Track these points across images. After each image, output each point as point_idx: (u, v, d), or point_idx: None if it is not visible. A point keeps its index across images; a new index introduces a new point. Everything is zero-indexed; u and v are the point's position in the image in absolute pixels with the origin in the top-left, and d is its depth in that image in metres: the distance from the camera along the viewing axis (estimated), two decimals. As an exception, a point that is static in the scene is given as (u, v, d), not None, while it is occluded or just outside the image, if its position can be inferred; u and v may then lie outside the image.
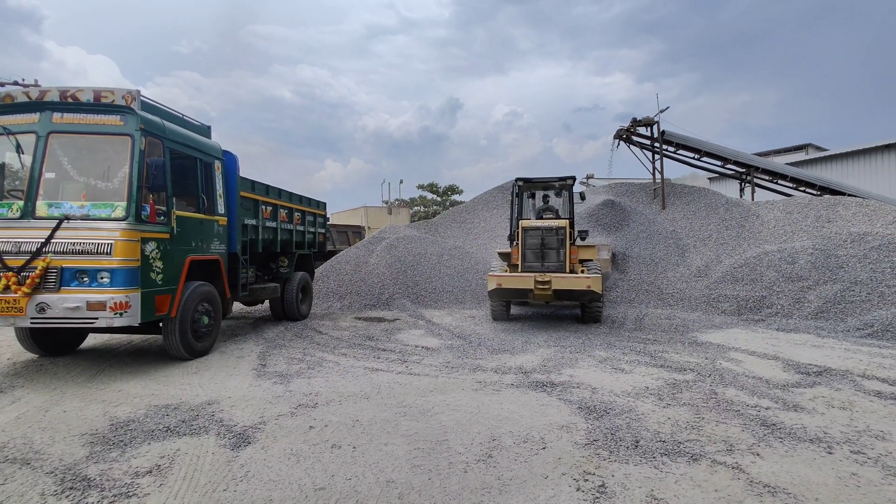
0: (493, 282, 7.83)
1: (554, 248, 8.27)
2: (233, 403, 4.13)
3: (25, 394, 4.41)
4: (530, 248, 8.32)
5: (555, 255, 8.28)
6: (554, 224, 8.38)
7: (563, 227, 8.36)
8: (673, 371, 5.26)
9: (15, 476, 2.82)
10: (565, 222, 8.43)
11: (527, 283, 7.72)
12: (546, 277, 7.66)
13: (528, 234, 8.35)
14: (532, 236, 8.34)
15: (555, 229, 8.33)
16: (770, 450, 3.18)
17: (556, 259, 8.26)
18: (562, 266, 8.18)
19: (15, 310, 4.54)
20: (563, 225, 8.37)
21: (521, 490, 2.65)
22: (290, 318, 8.92)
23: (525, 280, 7.75)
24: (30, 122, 4.95)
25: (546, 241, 8.29)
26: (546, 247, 8.27)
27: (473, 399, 4.26)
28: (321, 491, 2.64)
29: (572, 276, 7.70)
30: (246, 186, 7.25)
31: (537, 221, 8.56)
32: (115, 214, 4.80)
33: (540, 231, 8.33)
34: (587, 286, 7.56)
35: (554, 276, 7.70)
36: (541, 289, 7.67)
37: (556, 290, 7.66)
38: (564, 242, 8.28)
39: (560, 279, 7.68)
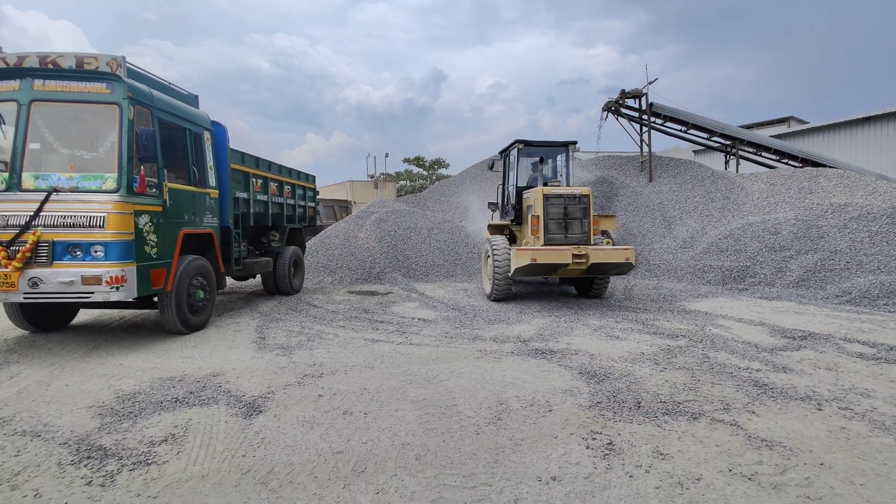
0: (524, 256, 6.96)
1: (577, 219, 7.62)
2: (238, 375, 4.15)
3: (23, 369, 4.35)
4: (553, 219, 7.55)
5: (578, 225, 7.62)
6: (577, 192, 7.69)
7: (586, 195, 7.74)
8: (665, 337, 5.43)
9: (28, 448, 2.81)
10: (588, 190, 7.83)
11: (563, 258, 6.96)
12: (583, 251, 7.01)
13: (551, 202, 7.57)
14: (555, 205, 7.57)
15: (578, 197, 7.66)
16: (764, 408, 3.34)
17: (579, 230, 7.61)
18: (586, 237, 7.61)
19: (7, 285, 4.43)
20: (587, 193, 7.77)
21: (533, 449, 2.75)
22: (282, 293, 8.88)
23: (562, 254, 6.98)
24: (10, 90, 4.73)
25: (569, 210, 7.58)
26: (569, 217, 7.58)
27: (476, 367, 4.35)
28: (339, 454, 2.70)
29: (610, 249, 7.17)
30: (236, 158, 7.09)
31: (560, 189, 7.77)
32: (105, 186, 4.67)
33: (563, 199, 7.60)
34: (626, 258, 7.09)
35: (590, 248, 7.09)
36: (577, 263, 7.00)
37: (594, 263, 7.05)
38: (588, 212, 7.67)
39: (598, 252, 7.06)
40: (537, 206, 7.65)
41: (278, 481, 2.44)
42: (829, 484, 2.38)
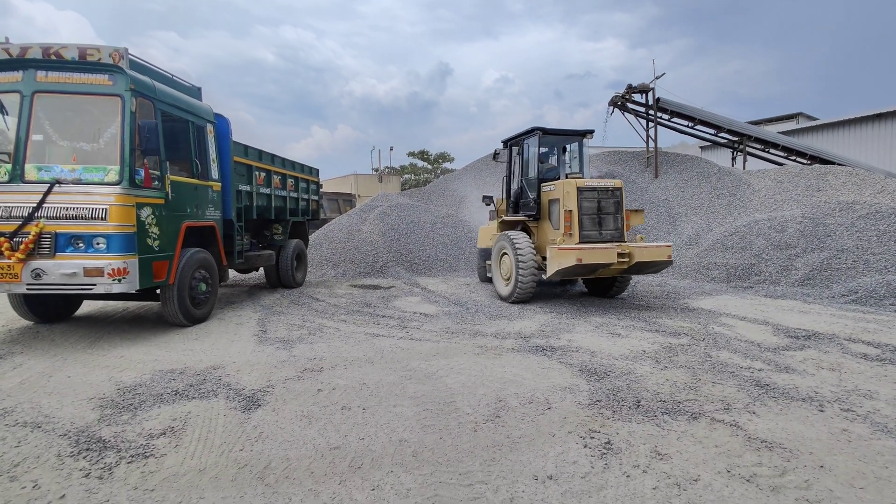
0: (568, 257, 6.37)
1: (611, 214, 7.14)
2: (238, 368, 4.16)
3: (26, 360, 4.38)
4: (587, 214, 7.02)
5: (612, 221, 7.15)
6: (610, 184, 7.24)
7: (619, 188, 7.30)
8: (668, 335, 5.39)
9: (28, 439, 2.83)
10: (621, 183, 7.40)
11: (609, 257, 6.41)
12: (626, 249, 6.56)
13: (585, 196, 7.03)
14: (588, 199, 7.04)
15: (611, 190, 7.21)
16: (765, 408, 3.31)
17: (613, 226, 7.14)
18: (620, 234, 7.17)
19: (10, 276, 4.45)
20: (620, 186, 7.34)
21: (530, 447, 2.75)
22: (285, 286, 8.90)
23: (607, 253, 6.43)
24: (13, 81, 4.73)
25: (602, 204, 7.09)
26: (603, 211, 7.08)
27: (476, 363, 4.34)
28: (336, 450, 2.70)
29: (653, 247, 6.72)
30: (239, 151, 7.08)
31: (593, 181, 7.26)
32: (108, 178, 4.67)
33: (596, 193, 7.09)
34: (668, 256, 6.70)
35: (633, 246, 6.62)
36: (621, 262, 6.50)
37: (639, 262, 6.57)
38: (621, 206, 7.24)
39: (642, 250, 6.59)
40: (569, 200, 7.04)
41: (275, 476, 2.44)
42: (829, 487, 2.35)
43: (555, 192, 7.44)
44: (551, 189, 7.56)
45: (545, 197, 7.71)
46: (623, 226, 7.24)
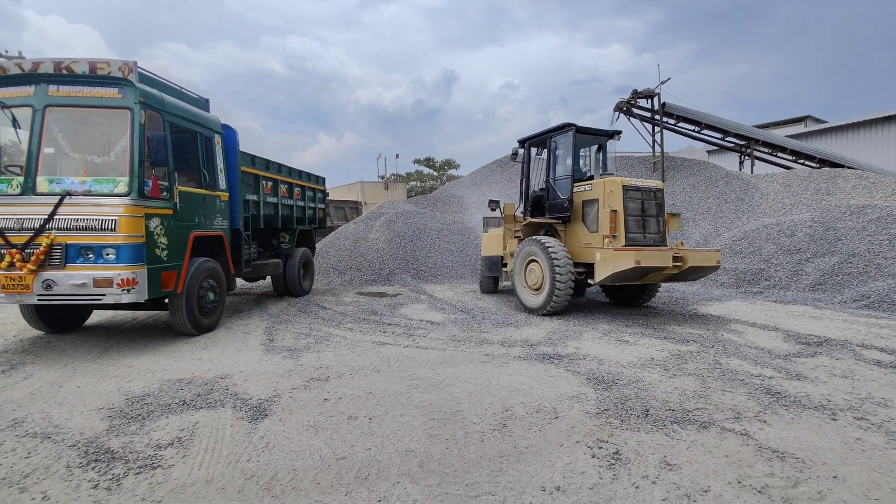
0: (625, 259, 5.97)
1: (654, 216, 6.83)
2: (245, 377, 4.17)
3: (37, 370, 4.43)
4: (632, 215, 6.62)
5: (654, 223, 6.82)
6: (653, 185, 6.92)
7: (661, 189, 7.01)
8: (676, 342, 5.34)
9: (38, 449, 2.85)
10: (662, 184, 7.14)
11: (665, 260, 6.08)
12: (680, 252, 6.23)
13: (630, 196, 6.63)
14: (633, 199, 6.65)
15: (654, 191, 6.88)
16: (776, 417, 3.27)
17: (656, 229, 6.82)
18: (662, 238, 6.86)
19: (21, 287, 4.51)
20: (662, 187, 7.06)
21: (537, 457, 2.72)
22: (292, 294, 8.94)
23: (663, 256, 6.09)
24: (25, 96, 4.82)
25: (646, 206, 6.74)
26: (646, 213, 6.74)
27: (483, 371, 4.32)
28: (343, 460, 2.70)
29: (704, 251, 6.46)
30: (246, 161, 7.16)
31: (637, 181, 6.92)
32: (117, 190, 4.73)
33: (640, 193, 6.74)
34: (717, 262, 6.50)
35: (686, 250, 6.29)
36: (676, 266, 6.19)
37: (692, 266, 6.28)
38: (663, 209, 6.96)
39: (695, 254, 6.28)
40: (613, 200, 6.61)
41: (281, 487, 2.44)
42: (843, 498, 2.31)
43: (591, 192, 6.99)
44: (587, 189, 7.11)
45: (577, 198, 7.27)
46: (665, 229, 6.93)
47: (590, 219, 7.04)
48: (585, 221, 7.13)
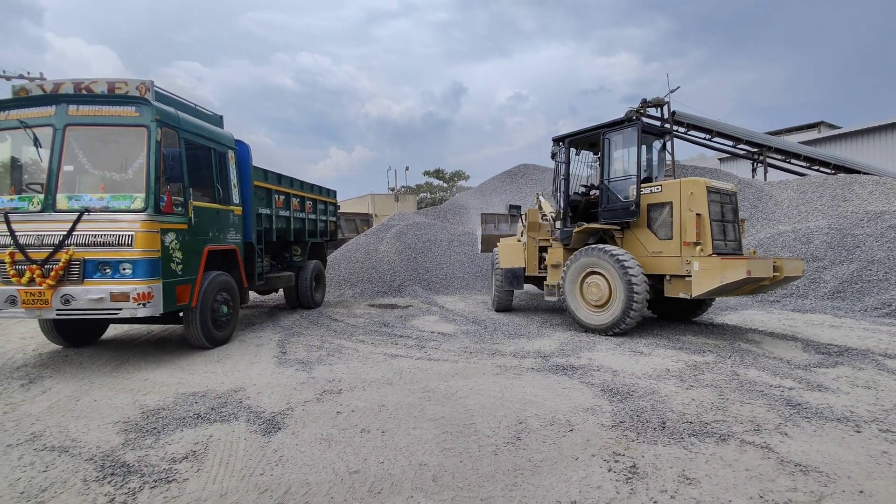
0: (737, 269, 5.29)
1: (731, 222, 6.28)
2: (258, 390, 4.19)
3: (55, 384, 4.49)
4: (715, 220, 6.00)
5: (732, 230, 6.27)
6: (728, 188, 6.40)
7: (735, 192, 6.51)
8: (692, 353, 5.26)
9: (56, 463, 2.88)
10: (736, 188, 6.56)
11: (767, 270, 5.51)
12: (777, 262, 5.61)
13: (713, 199, 6.01)
14: (715, 202, 6.05)
15: (730, 194, 6.36)
16: (798, 429, 3.19)
17: (734, 236, 6.26)
18: (739, 246, 6.32)
19: (41, 302, 4.60)
20: (736, 190, 6.54)
21: (552, 471, 2.68)
22: (304, 306, 8.98)
23: (766, 265, 5.50)
24: (46, 116, 4.95)
25: (724, 211, 6.16)
26: (724, 219, 6.14)
27: (496, 383, 4.29)
28: (356, 474, 2.68)
29: (793, 260, 5.87)
30: (259, 176, 7.26)
31: (717, 182, 6.28)
32: (134, 206, 4.82)
33: (719, 195, 6.15)
34: (802, 271, 5.98)
35: (781, 259, 5.69)
36: (774, 277, 5.59)
37: (787, 276, 5.75)
38: (738, 214, 6.45)
39: (791, 263, 5.73)
40: (697, 203, 5.92)
41: (294, 501, 2.43)
42: (870, 514, 2.24)
43: (662, 194, 6.28)
44: (655, 191, 6.38)
45: (647, 200, 6.50)
46: (741, 236, 6.41)
47: (658, 224, 6.31)
48: (652, 227, 6.38)
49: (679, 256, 6.02)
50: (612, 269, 6.14)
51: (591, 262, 6.45)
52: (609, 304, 6.24)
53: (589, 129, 7.14)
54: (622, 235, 6.76)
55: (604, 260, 6.25)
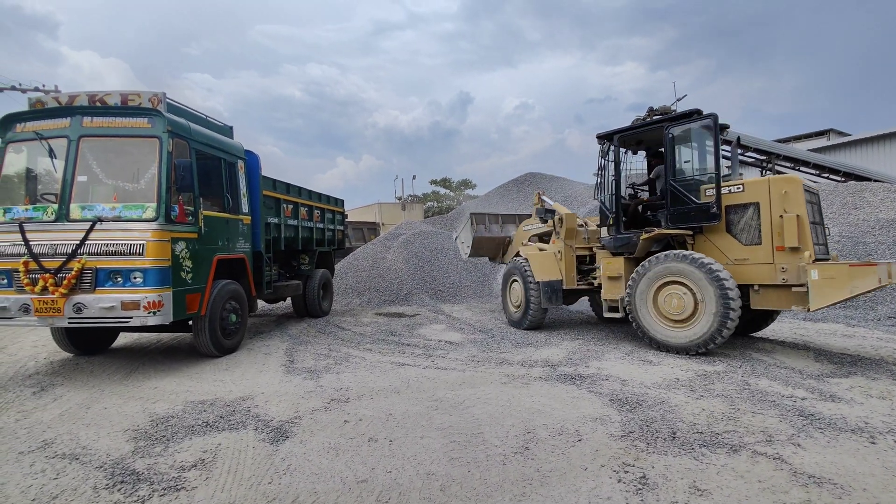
0: (870, 277, 4.71)
1: (820, 223, 5.78)
2: (266, 399, 4.20)
3: (66, 391, 4.53)
4: (814, 223, 5.52)
5: (821, 233, 5.76)
6: (815, 187, 5.94)
7: (819, 192, 6.01)
8: (702, 362, 5.21)
9: (66, 471, 2.90)
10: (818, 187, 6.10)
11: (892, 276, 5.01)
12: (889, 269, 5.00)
13: (808, 199, 5.50)
14: (810, 203, 5.57)
15: (816, 194, 5.87)
16: (811, 440, 3.14)
17: (823, 239, 5.75)
18: (827, 250, 5.85)
19: (53, 310, 4.66)
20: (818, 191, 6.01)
21: (561, 482, 2.66)
22: (311, 315, 9.01)
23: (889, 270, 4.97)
24: (61, 127, 5.06)
25: (813, 212, 5.63)
26: (814, 221, 5.61)
27: (503, 392, 4.27)
28: (363, 483, 2.68)
29: None
30: (268, 185, 7.33)
31: (808, 182, 5.85)
32: (145, 215, 4.89)
33: (810, 196, 5.66)
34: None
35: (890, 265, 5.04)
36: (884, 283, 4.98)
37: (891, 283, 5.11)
38: (822, 216, 5.96)
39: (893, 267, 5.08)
40: (793, 204, 5.34)
41: (303, 510, 2.42)
42: (887, 527, 2.19)
43: (745, 193, 5.64)
44: (736, 190, 5.72)
45: (730, 201, 5.79)
46: (826, 240, 5.97)
47: (740, 228, 5.67)
48: (732, 231, 5.74)
49: (772, 264, 5.37)
50: (702, 279, 5.40)
51: (670, 272, 5.72)
52: (694, 318, 5.51)
53: (645, 123, 6.49)
54: (693, 241, 6.07)
55: (690, 269, 5.52)
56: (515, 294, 7.78)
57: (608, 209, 6.75)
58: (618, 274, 6.47)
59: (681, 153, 6.31)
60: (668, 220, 6.09)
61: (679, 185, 6.07)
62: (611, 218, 6.69)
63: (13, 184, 5.41)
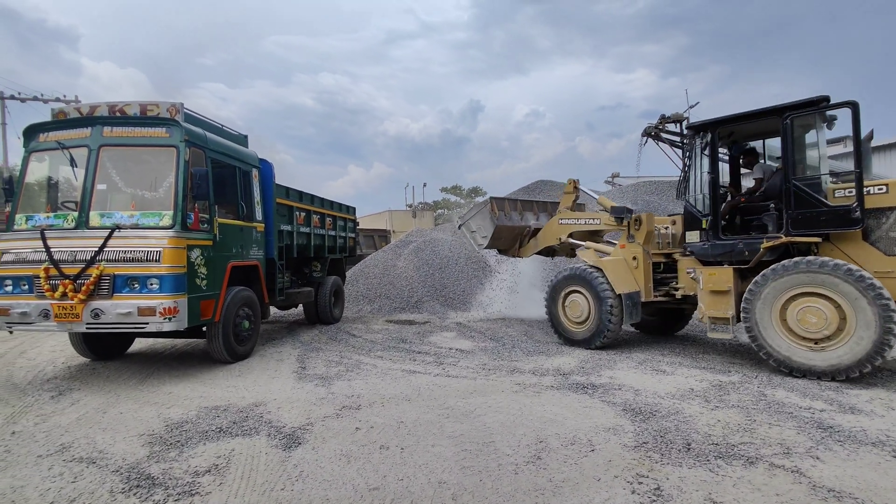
0: None
1: None
2: (279, 405, 4.23)
3: (83, 396, 4.61)
4: None
5: None
6: None
7: None
8: (717, 373, 5.13)
9: (84, 474, 2.95)
10: None
11: None
12: None
13: None
14: None
15: None
16: (830, 453, 3.08)
17: None
18: None
19: (72, 316, 4.75)
20: None
21: (574, 492, 2.64)
22: (323, 322, 9.06)
23: None
24: (82, 137, 5.18)
25: None
26: None
27: (514, 401, 4.25)
28: (375, 491, 2.68)
29: None
30: (281, 193, 7.42)
31: None
32: (162, 223, 4.98)
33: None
34: None
35: None
36: None
37: None
38: None
39: None
40: None
41: (315, 517, 2.43)
42: (911, 544, 2.14)
43: (889, 195, 4.92)
44: (878, 192, 4.98)
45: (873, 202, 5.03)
46: None
47: (880, 235, 4.96)
48: (870, 239, 5.02)
49: None
50: (852, 291, 4.65)
51: (804, 283, 4.93)
52: (839, 338, 4.74)
53: (757, 112, 5.62)
54: (817, 250, 5.27)
55: (835, 280, 4.74)
56: (577, 308, 6.64)
57: (699, 211, 5.93)
58: (726, 287, 5.52)
59: (803, 147, 5.58)
60: (788, 226, 5.25)
61: (801, 185, 5.25)
62: (704, 221, 5.85)
63: (35, 192, 5.56)
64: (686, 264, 6.18)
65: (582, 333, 6.64)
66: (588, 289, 6.53)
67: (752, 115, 5.64)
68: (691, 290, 6.05)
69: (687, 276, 6.10)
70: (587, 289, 6.54)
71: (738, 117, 5.74)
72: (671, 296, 6.41)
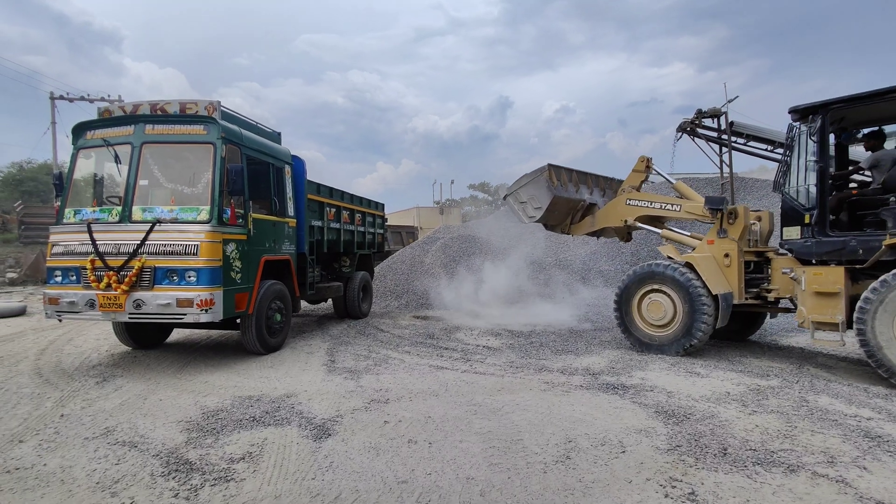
0: None
1: None
2: (309, 397, 4.31)
3: (125, 382, 4.81)
4: None
5: None
6: None
7: None
8: (755, 376, 4.95)
9: (126, 457, 3.08)
10: None
11: None
12: None
13: None
14: None
15: None
16: (878, 464, 2.92)
17: None
18: None
19: (116, 306, 4.96)
20: None
21: (605, 494, 2.59)
22: (351, 316, 9.19)
23: None
24: (126, 134, 5.40)
25: None
26: None
27: (543, 399, 4.21)
28: (404, 484, 2.70)
29: None
30: (312, 189, 7.54)
31: None
32: (200, 218, 5.14)
33: None
34: None
35: None
36: None
37: None
38: None
39: None
40: None
41: (345, 508, 2.47)
42: (969, 563, 2.01)
43: None
44: None
45: None
46: None
47: None
48: None
49: None
50: None
51: None
52: None
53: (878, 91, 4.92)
54: None
55: None
56: (660, 309, 6.00)
57: (802, 205, 5.29)
58: (835, 289, 4.96)
59: None
60: None
61: None
62: (808, 216, 5.24)
63: (82, 187, 5.82)
64: (782, 263, 5.61)
65: (664, 337, 5.97)
66: (676, 288, 5.86)
67: (874, 95, 4.92)
68: (786, 292, 5.55)
69: (782, 277, 5.52)
70: (675, 288, 5.87)
71: (855, 98, 5.07)
72: (762, 298, 5.87)
